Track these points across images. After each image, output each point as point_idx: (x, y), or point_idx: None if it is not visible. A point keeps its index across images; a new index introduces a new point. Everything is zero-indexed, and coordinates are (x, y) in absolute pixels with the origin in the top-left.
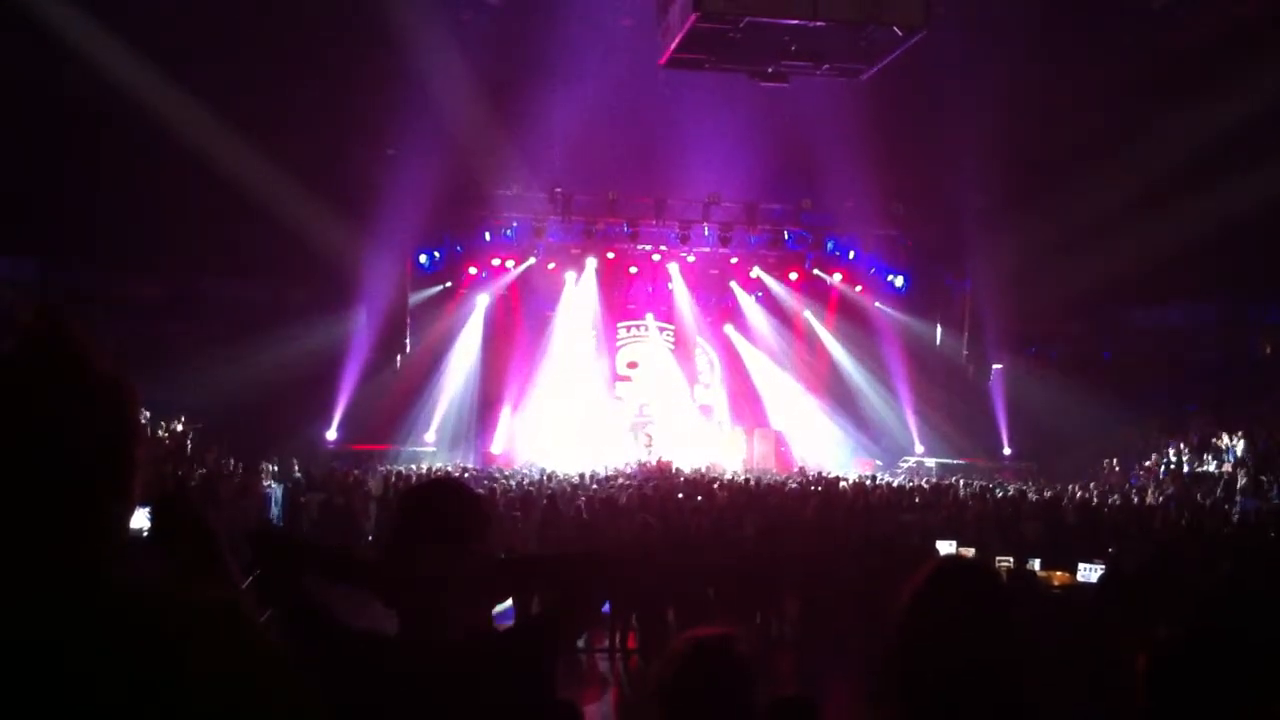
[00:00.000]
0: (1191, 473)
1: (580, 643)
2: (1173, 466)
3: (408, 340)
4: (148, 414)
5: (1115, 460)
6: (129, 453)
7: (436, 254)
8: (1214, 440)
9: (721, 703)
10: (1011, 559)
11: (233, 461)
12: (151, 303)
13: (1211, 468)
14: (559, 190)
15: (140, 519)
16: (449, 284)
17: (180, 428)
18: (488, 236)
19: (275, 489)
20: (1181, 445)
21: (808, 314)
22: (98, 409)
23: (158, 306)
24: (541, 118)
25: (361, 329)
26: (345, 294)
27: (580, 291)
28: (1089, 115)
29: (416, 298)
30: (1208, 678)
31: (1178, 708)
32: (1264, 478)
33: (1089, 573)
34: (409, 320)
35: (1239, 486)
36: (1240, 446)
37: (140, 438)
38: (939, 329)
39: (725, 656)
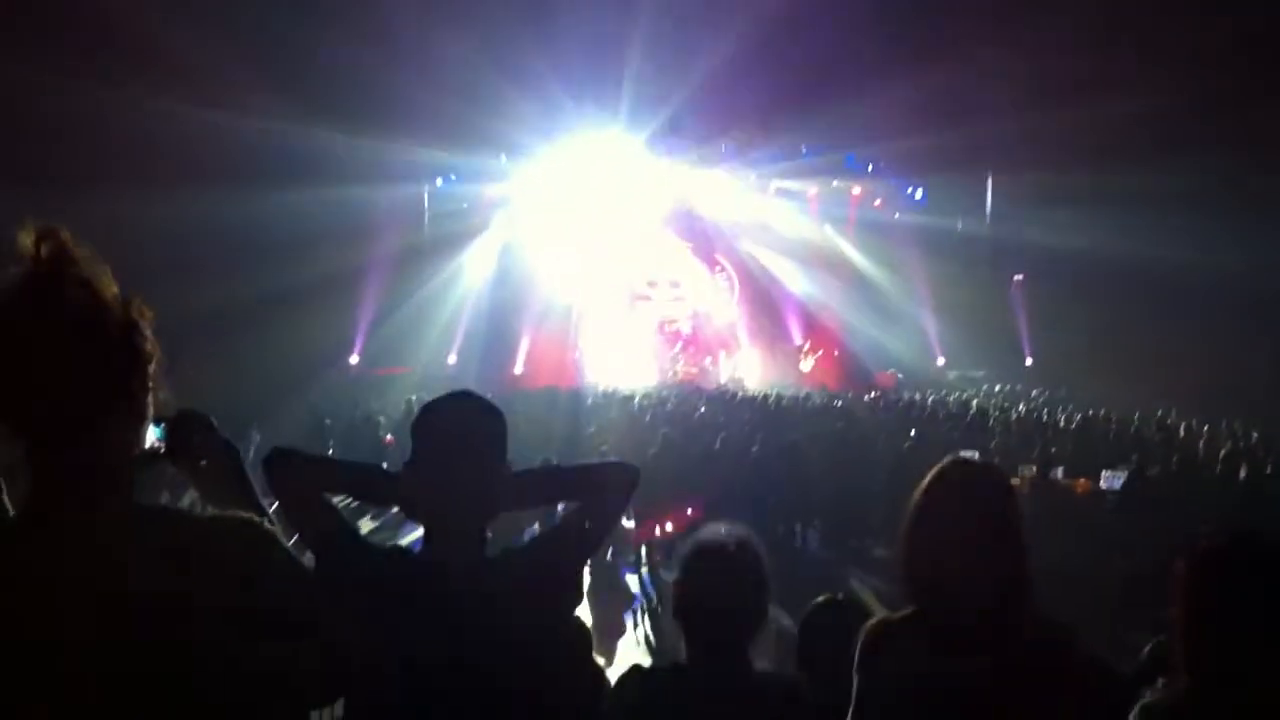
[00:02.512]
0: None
1: (607, 556)
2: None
3: (428, 262)
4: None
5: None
6: (142, 371)
7: (453, 175)
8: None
9: (729, 602)
10: (1034, 468)
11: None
12: (172, 227)
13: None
14: (575, 102)
15: (154, 435)
16: (466, 205)
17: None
18: (504, 158)
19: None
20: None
21: (828, 228)
22: (109, 328)
23: (180, 231)
24: (559, 34)
25: (381, 252)
26: (364, 217)
27: (595, 209)
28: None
29: (435, 219)
30: (1248, 584)
31: (1217, 613)
32: None
33: (1113, 480)
34: (428, 242)
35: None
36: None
37: (154, 356)
38: (959, 223)
39: (732, 557)
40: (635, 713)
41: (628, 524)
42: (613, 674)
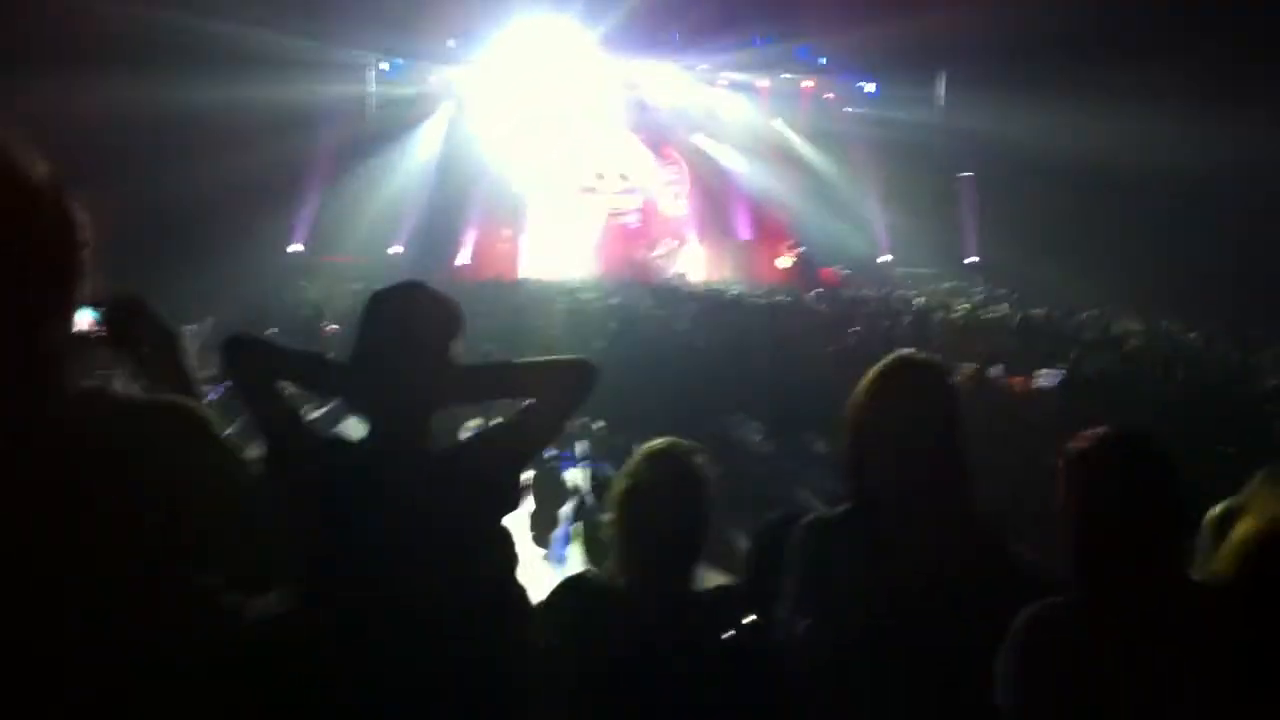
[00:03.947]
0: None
1: (551, 452)
2: None
3: (372, 150)
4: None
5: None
6: (74, 254)
7: (400, 60)
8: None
9: (676, 528)
10: (974, 366)
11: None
12: (96, 116)
13: None
14: None
15: (88, 319)
16: (413, 91)
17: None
18: (451, 43)
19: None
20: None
21: (777, 121)
22: (38, 213)
23: (110, 121)
24: None
25: (323, 138)
26: (305, 103)
27: (541, 98)
28: None
29: (380, 104)
30: (1119, 485)
31: (1093, 516)
32: None
33: (1051, 379)
34: (372, 129)
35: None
36: None
37: (85, 242)
38: (911, 117)
39: (678, 464)
40: (569, 631)
41: None
42: (547, 568)
